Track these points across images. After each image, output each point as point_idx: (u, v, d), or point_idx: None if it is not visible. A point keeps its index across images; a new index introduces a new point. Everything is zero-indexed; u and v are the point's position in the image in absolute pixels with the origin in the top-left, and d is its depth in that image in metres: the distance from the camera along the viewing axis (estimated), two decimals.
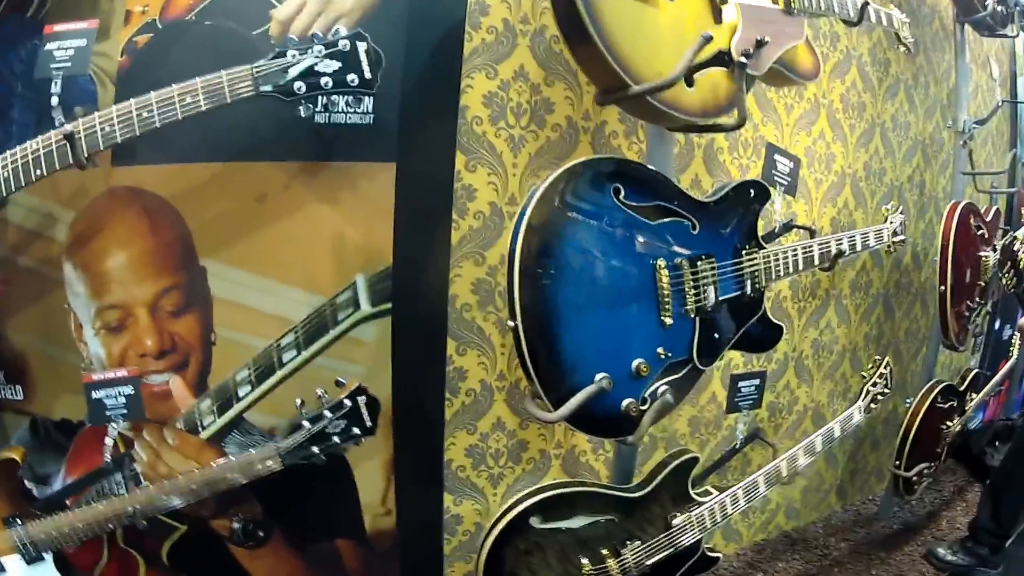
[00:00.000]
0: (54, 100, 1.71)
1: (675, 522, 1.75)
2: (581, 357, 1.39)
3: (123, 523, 1.62)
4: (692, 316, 1.52)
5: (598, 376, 1.39)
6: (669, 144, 1.65)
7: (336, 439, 1.60)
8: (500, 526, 1.59)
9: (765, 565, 2.51)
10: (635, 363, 1.45)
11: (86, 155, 1.46)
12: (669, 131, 1.58)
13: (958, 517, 2.86)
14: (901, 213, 2.16)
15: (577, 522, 1.66)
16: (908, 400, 2.58)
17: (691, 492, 1.79)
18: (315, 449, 1.58)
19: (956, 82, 2.50)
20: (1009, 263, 2.36)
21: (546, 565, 1.64)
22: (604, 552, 1.67)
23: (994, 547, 2.42)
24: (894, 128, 2.58)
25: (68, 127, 1.44)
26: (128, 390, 1.66)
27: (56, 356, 1.83)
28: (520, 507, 1.60)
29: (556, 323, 1.36)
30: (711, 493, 1.83)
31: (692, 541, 1.78)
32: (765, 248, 1.66)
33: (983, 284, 2.55)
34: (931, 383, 2.56)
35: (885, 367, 2.17)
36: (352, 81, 1.50)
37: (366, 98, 1.65)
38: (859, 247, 1.96)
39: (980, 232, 2.53)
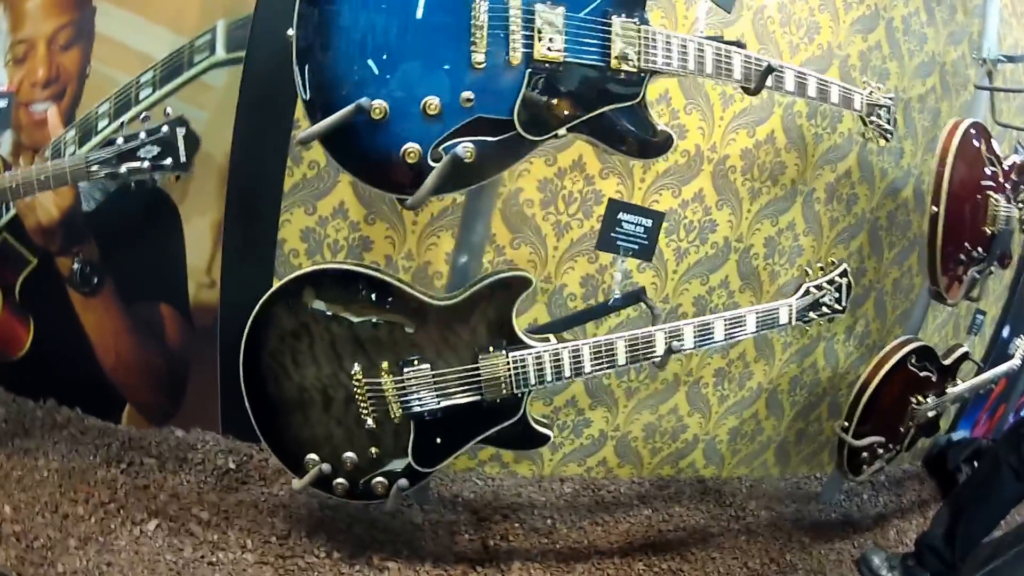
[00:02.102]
0: None
1: (483, 358, 1.43)
2: (356, 75, 1.22)
3: None
4: (519, 67, 1.29)
5: (378, 101, 1.22)
6: None
7: (146, 163, 1.53)
8: (270, 292, 1.41)
9: (659, 504, 2.14)
10: (425, 98, 1.25)
11: None
12: None
13: (910, 531, 2.36)
14: (891, 98, 1.78)
15: (358, 314, 1.40)
16: None
17: (516, 329, 1.45)
18: (123, 169, 1.52)
19: (983, 9, 2.13)
20: None
21: (312, 358, 1.42)
22: (383, 365, 1.41)
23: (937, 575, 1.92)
24: (905, 32, 2.20)
25: None
26: (2, 103, 1.74)
27: None
28: (295, 274, 1.40)
29: (333, 33, 1.21)
30: (549, 341, 1.48)
31: (506, 394, 1.44)
32: (650, 25, 1.36)
33: (988, 233, 2.09)
34: (906, 337, 2.10)
35: (842, 275, 1.74)
36: None
37: None
38: (811, 91, 1.59)
39: (992, 171, 2.09)
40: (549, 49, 1.30)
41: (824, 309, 1.73)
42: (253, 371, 1.44)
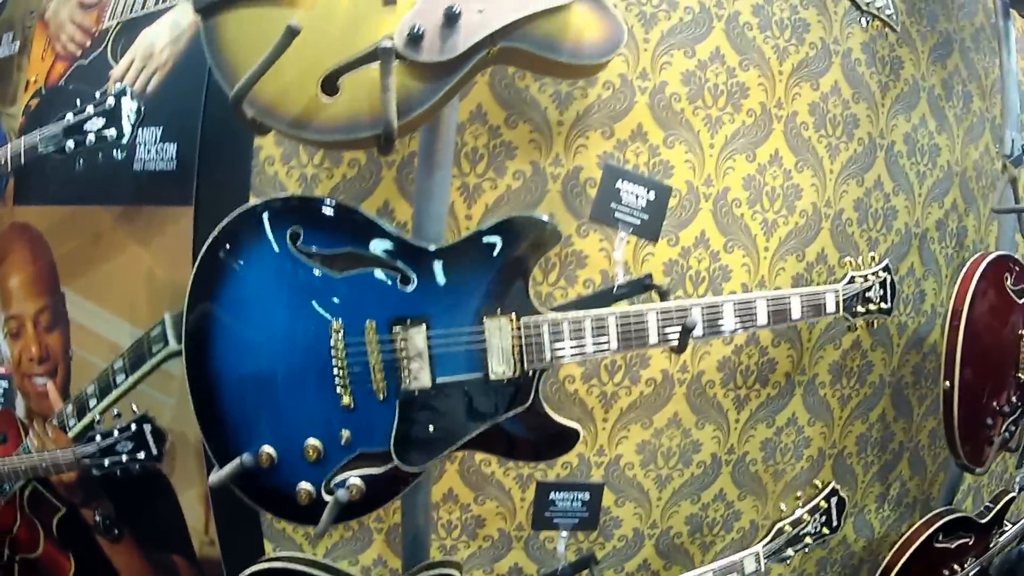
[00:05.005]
0: None
1: None
2: (246, 424, 1.29)
3: None
4: (389, 401, 1.26)
5: (265, 449, 1.27)
6: (440, 179, 1.39)
7: (124, 458, 1.72)
8: None
9: None
10: (305, 443, 1.26)
11: None
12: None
13: None
14: (886, 270, 1.55)
15: None
16: None
17: None
18: (106, 462, 1.71)
19: (1002, 88, 1.71)
20: None
21: None
22: None
23: None
24: (910, 153, 1.86)
25: None
26: (4, 384, 1.98)
27: None
28: (250, 569, 1.52)
29: (219, 381, 1.29)
30: None
31: None
32: (541, 314, 1.27)
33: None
34: (933, 514, 1.82)
35: (829, 497, 1.58)
36: (111, 136, 1.64)
37: (171, 144, 1.77)
38: (761, 318, 1.37)
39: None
40: (416, 374, 1.25)
41: (807, 540, 1.57)
42: None
